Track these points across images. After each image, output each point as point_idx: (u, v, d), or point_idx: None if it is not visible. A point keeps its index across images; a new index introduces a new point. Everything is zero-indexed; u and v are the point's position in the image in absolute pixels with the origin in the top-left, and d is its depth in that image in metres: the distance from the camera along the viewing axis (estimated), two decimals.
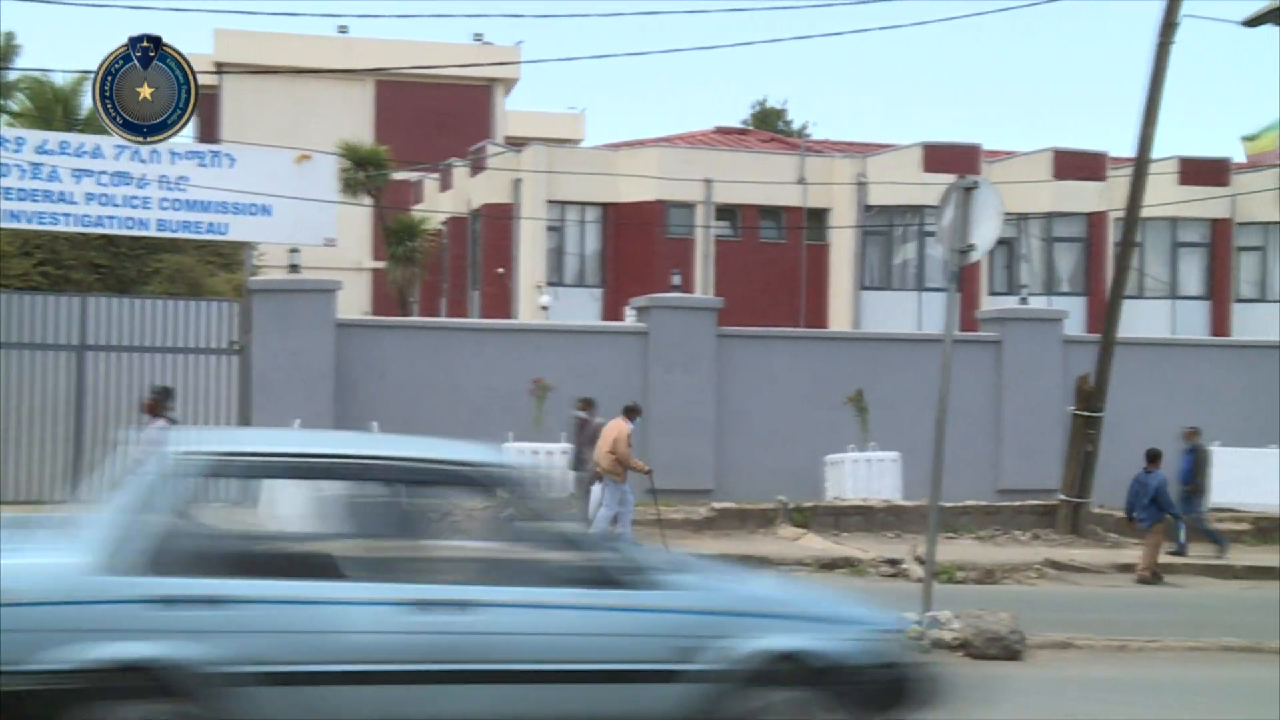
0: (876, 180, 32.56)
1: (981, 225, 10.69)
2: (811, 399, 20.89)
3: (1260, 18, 17.48)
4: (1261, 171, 34.17)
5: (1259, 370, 22.70)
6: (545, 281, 32.64)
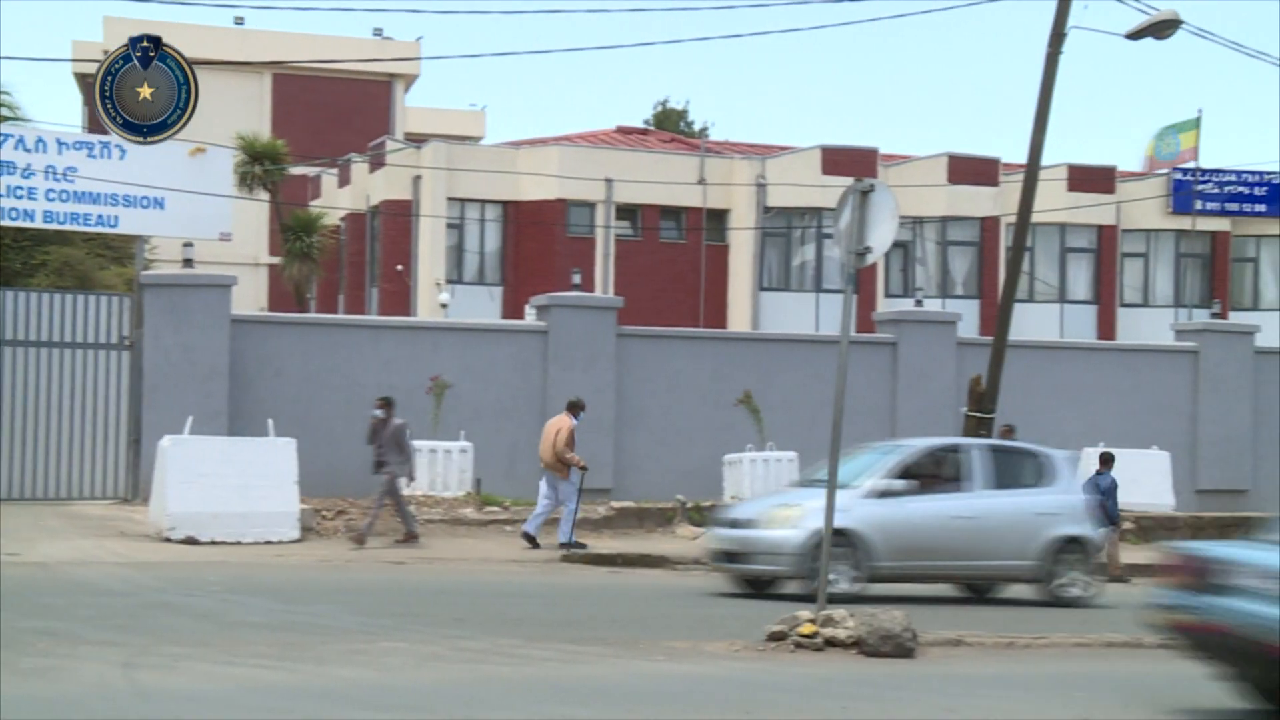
0: (775, 182, 32.88)
1: (878, 228, 10.84)
2: (710, 399, 21.03)
3: (1142, 31, 18.01)
4: (1145, 180, 35.18)
5: (1142, 373, 23.35)
6: (445, 279, 32.41)
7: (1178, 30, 17.94)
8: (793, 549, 13.00)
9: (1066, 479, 14.34)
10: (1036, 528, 13.74)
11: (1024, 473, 14.29)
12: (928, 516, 13.51)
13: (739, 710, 8.11)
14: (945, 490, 13.86)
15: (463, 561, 15.24)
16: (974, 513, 13.64)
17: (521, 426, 20.36)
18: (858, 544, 13.05)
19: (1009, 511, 13.77)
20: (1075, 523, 14.07)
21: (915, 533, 13.38)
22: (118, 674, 8.15)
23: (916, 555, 13.39)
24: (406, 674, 8.63)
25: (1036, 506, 13.83)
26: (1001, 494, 13.90)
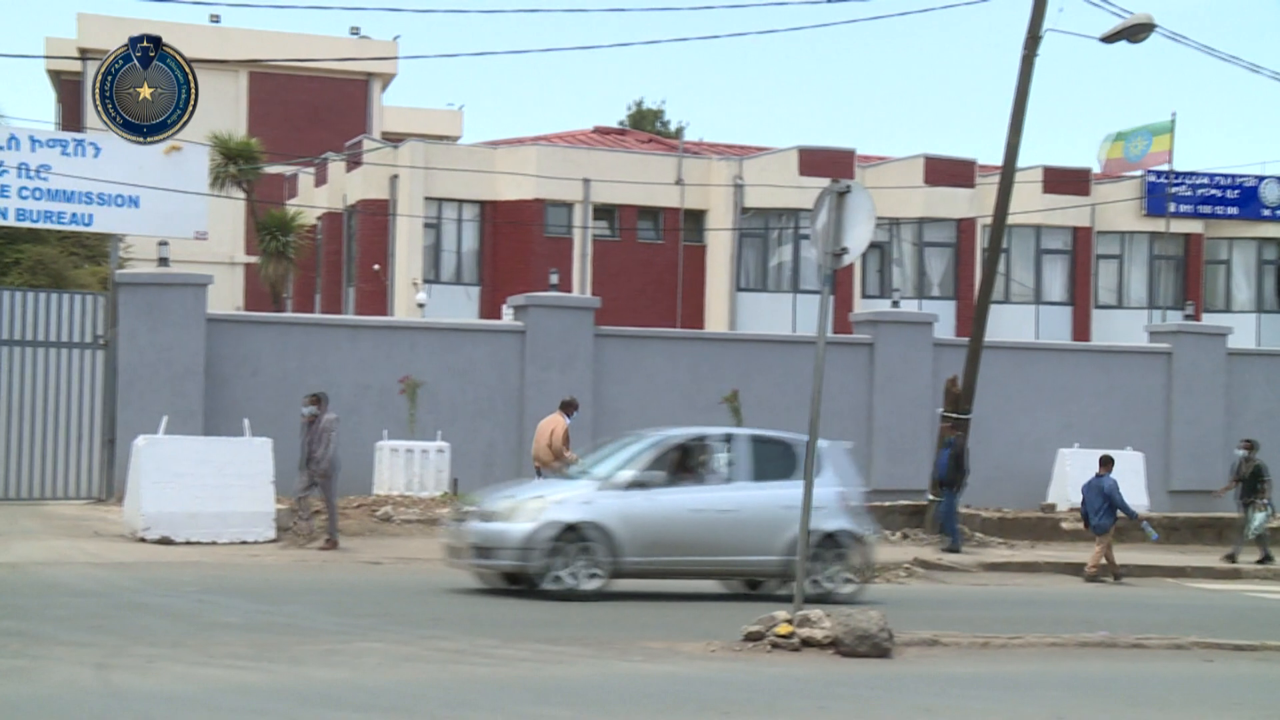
0: (753, 183, 32.94)
1: (855, 229, 10.87)
2: (687, 399, 21.04)
3: (1116, 34, 18.14)
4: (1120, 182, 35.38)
5: (1117, 374, 23.49)
6: (422, 279, 32.34)
7: (1151, 34, 18.08)
8: (517, 543, 12.38)
9: (832, 471, 13.52)
10: (790, 521, 12.60)
11: (786, 464, 13.49)
12: (677, 509, 12.97)
13: (716, 711, 8.12)
14: (700, 482, 13.34)
15: (439, 562, 15.21)
16: (727, 506, 13.11)
17: (499, 427, 20.35)
18: (600, 538, 12.55)
19: (764, 505, 13.13)
20: (836, 517, 13.34)
21: (663, 527, 12.83)
22: (91, 675, 8.10)
23: (664, 550, 12.86)
24: (383, 674, 8.61)
25: (793, 499, 12.61)
26: (758, 486, 13.29)
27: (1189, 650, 11.32)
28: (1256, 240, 36.29)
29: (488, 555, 12.71)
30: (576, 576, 12.49)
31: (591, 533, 12.56)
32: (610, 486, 12.88)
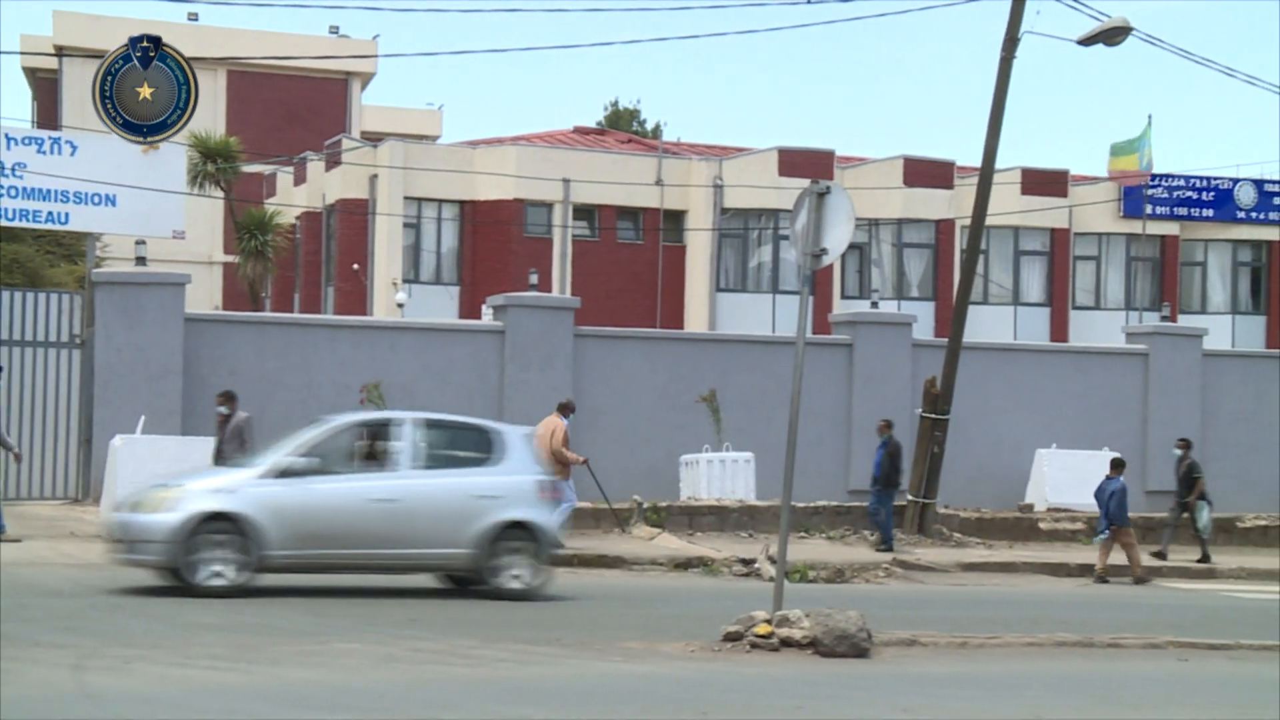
0: (732, 183, 32.98)
1: (834, 230, 10.90)
2: (667, 399, 21.06)
3: (1093, 37, 18.24)
4: (1097, 184, 35.56)
5: (1093, 375, 23.60)
6: (401, 279, 32.28)
7: (1128, 37, 18.17)
8: (164, 535, 11.62)
9: (519, 458, 12.76)
10: (473, 512, 12.24)
11: (467, 451, 12.79)
12: (338, 499, 12.07)
13: (694, 711, 8.13)
14: (366, 470, 12.47)
15: None
16: (395, 495, 12.17)
17: None
18: (246, 530, 11.69)
19: (439, 494, 12.33)
20: (522, 506, 12.52)
21: (319, 518, 11.93)
22: (66, 676, 8.06)
23: (320, 543, 11.94)
24: (362, 675, 8.59)
25: (476, 488, 12.35)
26: (433, 474, 12.45)
27: (1164, 650, 11.39)
28: (1231, 242, 36.52)
29: (133, 549, 11.95)
30: (222, 571, 11.63)
31: (232, 524, 11.68)
32: (266, 474, 12.05)
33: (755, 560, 15.68)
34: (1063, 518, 20.93)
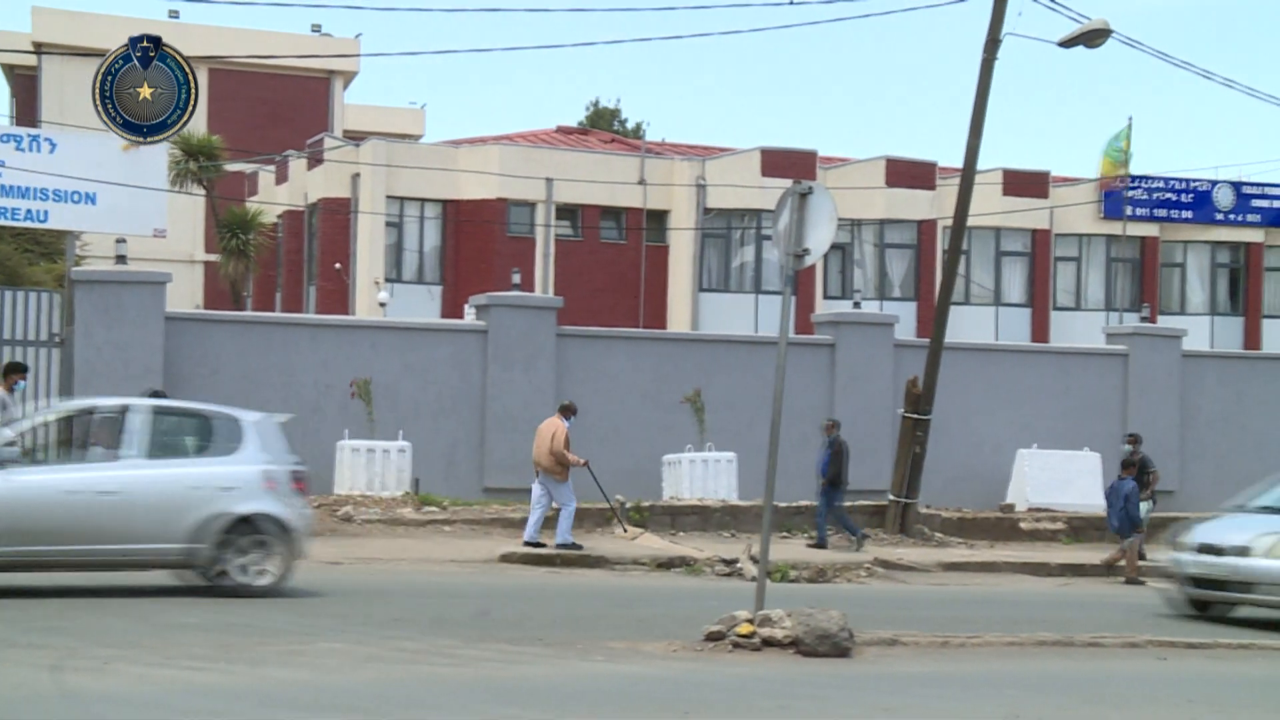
0: (715, 183, 33.00)
1: (816, 230, 10.92)
2: (650, 399, 21.07)
3: (1074, 39, 18.33)
4: (1077, 186, 35.70)
5: (1074, 376, 23.70)
6: (384, 278, 32.22)
7: (1108, 39, 18.26)
8: None
9: (255, 448, 12.02)
10: (196, 503, 11.59)
11: (201, 441, 12.15)
12: (40, 492, 11.36)
13: (677, 711, 8.14)
14: (77, 460, 11.81)
15: (401, 562, 15.16)
16: (112, 487, 11.44)
17: (461, 426, 20.30)
18: None
19: (163, 486, 11.66)
20: (255, 498, 11.81)
21: (24, 512, 11.20)
22: (45, 677, 8.02)
23: (27, 539, 11.22)
24: (344, 675, 8.57)
25: (202, 479, 11.71)
26: (159, 465, 11.74)
27: (1144, 648, 11.45)
28: (1210, 244, 36.72)
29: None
30: None
31: None
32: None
33: (737, 560, 15.71)
34: (1043, 517, 21.02)
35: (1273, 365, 25.75)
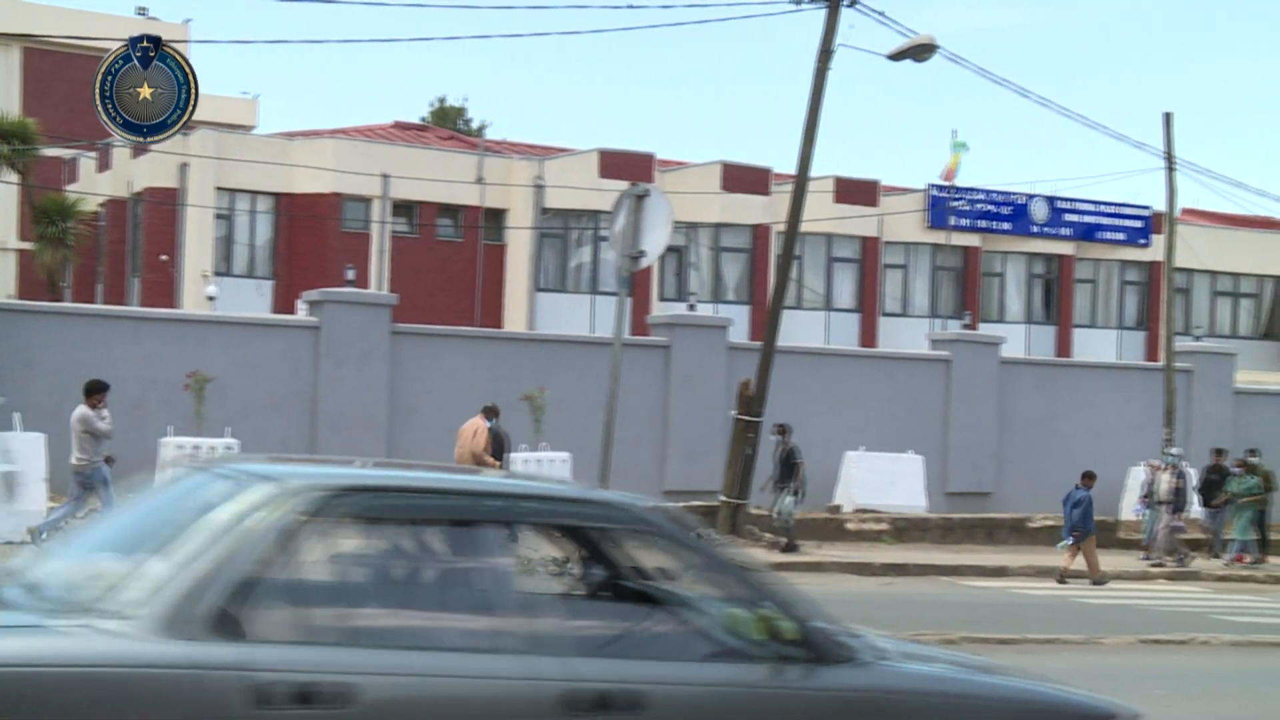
0: (553, 183, 33.02)
1: (652, 232, 11.06)
2: (486, 397, 20.94)
3: (902, 53, 18.91)
4: (906, 195, 36.79)
5: (900, 380, 24.43)
6: (212, 271, 31.34)
7: (934, 54, 18.88)
8: None
9: None
10: None
11: None
12: None
13: None
14: None
15: None
16: None
17: (291, 424, 19.89)
18: None
19: None
20: None
21: None
22: None
23: None
24: None
25: None
26: None
27: (958, 645, 11.86)
28: (1027, 255, 38.20)
29: None
30: None
31: None
32: None
33: (569, 559, 15.75)
34: (869, 519, 21.60)
35: (1082, 372, 26.98)
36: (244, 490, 4.42)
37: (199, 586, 4.09)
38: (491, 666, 4.36)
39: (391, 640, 4.40)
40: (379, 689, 4.18)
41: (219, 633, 4.06)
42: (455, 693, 4.31)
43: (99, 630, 4.02)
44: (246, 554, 4.18)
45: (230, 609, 4.09)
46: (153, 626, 4.02)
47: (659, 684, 4.48)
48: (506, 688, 4.34)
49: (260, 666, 4.06)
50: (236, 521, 4.26)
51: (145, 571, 4.21)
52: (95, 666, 3.95)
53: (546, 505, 4.96)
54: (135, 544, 4.48)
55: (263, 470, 4.62)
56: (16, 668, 3.90)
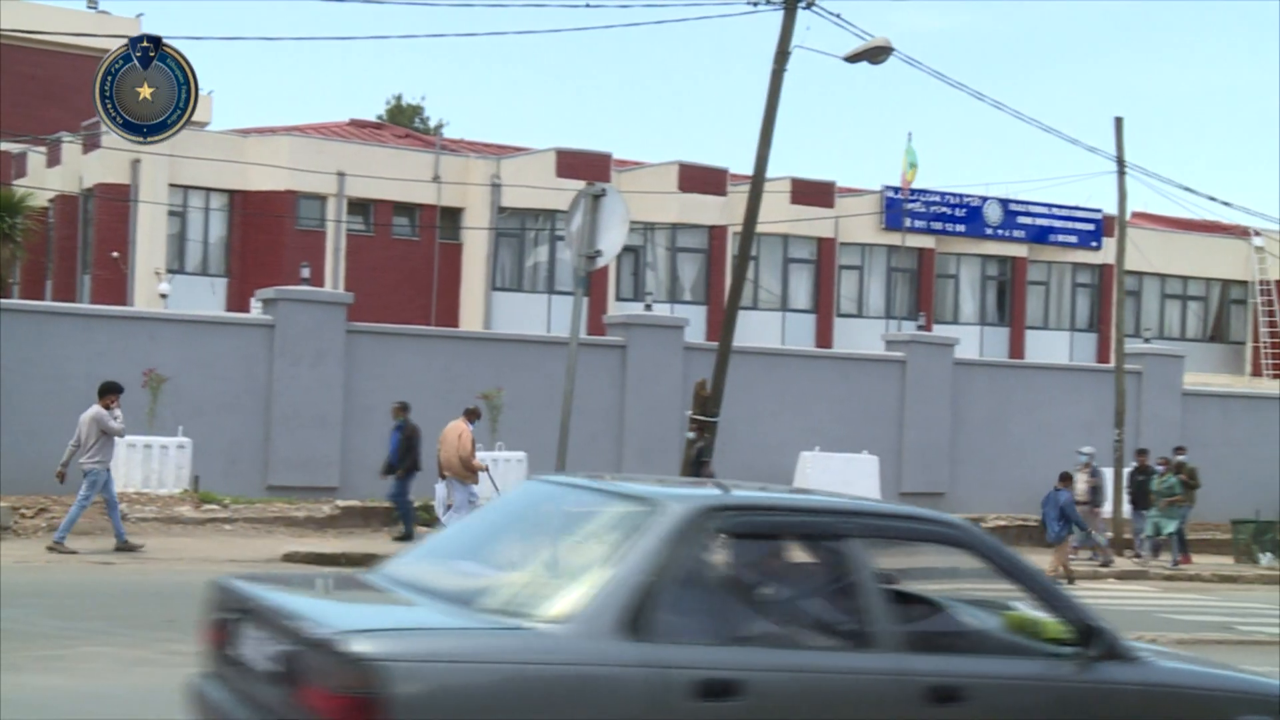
0: (510, 183, 32.95)
1: (609, 232, 11.06)
2: (441, 397, 20.90)
3: (858, 55, 19.01)
4: (861, 196, 36.99)
5: (855, 381, 24.57)
6: (165, 268, 31.04)
7: (890, 56, 19.00)
8: None
9: None
10: None
11: None
12: None
13: None
14: None
15: (178, 561, 14.65)
16: None
17: (244, 423, 19.74)
18: None
19: None
20: None
21: None
22: None
23: None
24: (109, 680, 8.24)
25: None
26: None
27: None
28: (980, 257, 38.52)
29: None
30: None
31: None
32: None
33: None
34: None
35: (1034, 374, 27.24)
36: (633, 509, 5.05)
37: (624, 595, 4.69)
38: (862, 663, 4.98)
39: (775, 641, 5.03)
40: (767, 684, 4.77)
41: (641, 635, 4.66)
42: (832, 687, 4.90)
43: (543, 632, 4.62)
44: (655, 566, 4.78)
45: (647, 614, 4.69)
46: (595, 629, 4.62)
47: (986, 678, 5.13)
48: (877, 683, 4.95)
49: (676, 664, 4.66)
50: (638, 537, 4.86)
51: (562, 580, 4.90)
52: (556, 664, 4.55)
53: (892, 522, 5.61)
54: (523, 553, 5.23)
55: (643, 491, 5.27)
56: (505, 664, 4.53)
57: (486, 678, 4.46)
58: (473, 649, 4.53)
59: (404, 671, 4.32)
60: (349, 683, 4.30)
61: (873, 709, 4.92)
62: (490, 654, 4.53)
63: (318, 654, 4.41)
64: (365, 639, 4.41)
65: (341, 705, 4.29)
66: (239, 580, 5.45)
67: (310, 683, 4.41)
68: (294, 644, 4.55)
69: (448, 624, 4.70)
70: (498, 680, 4.46)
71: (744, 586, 5.24)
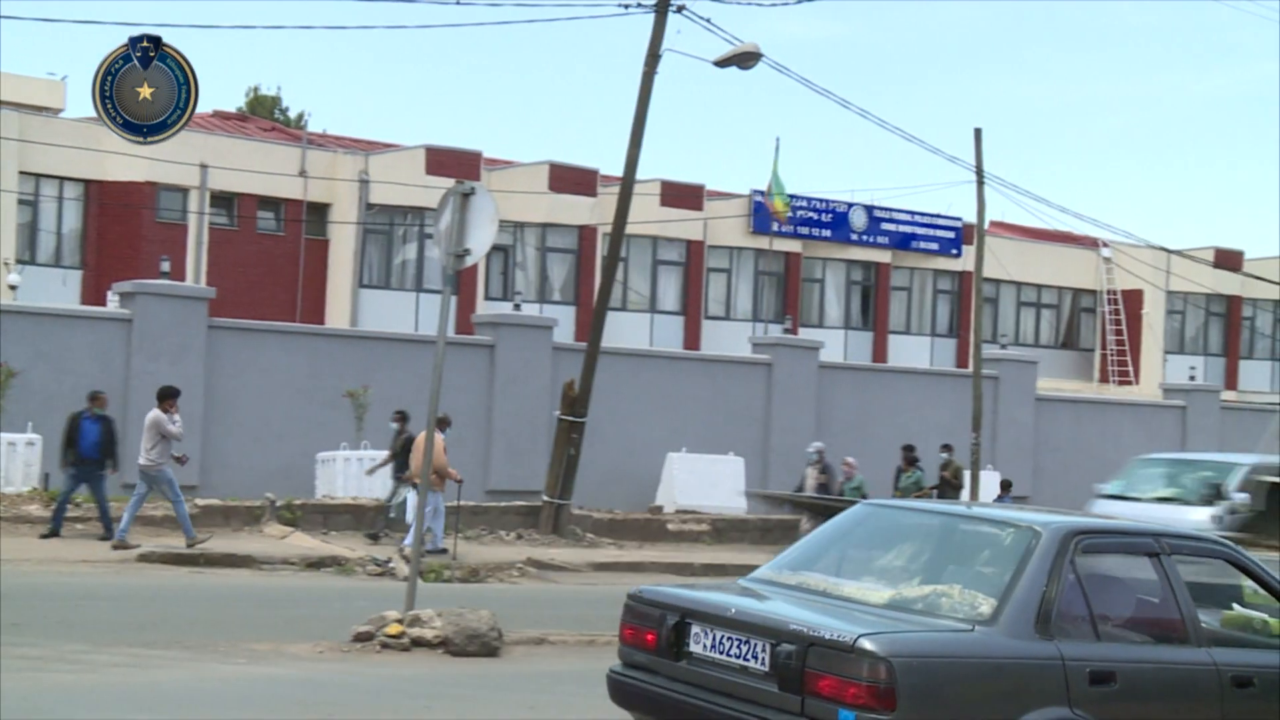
0: (379, 179, 32.57)
1: (478, 231, 11.00)
2: (306, 395, 20.59)
3: (728, 60, 19.26)
4: (730, 200, 37.40)
5: (722, 382, 24.86)
6: (15, 259, 29.95)
7: (759, 62, 19.27)
8: None
9: None
10: None
11: None
12: None
13: (320, 712, 8.02)
14: None
15: (25, 562, 14.16)
16: None
17: None
18: None
19: None
20: None
21: None
22: None
23: None
24: None
25: None
26: None
27: None
28: (846, 262, 39.25)
29: None
30: None
31: None
32: None
33: (390, 560, 15.58)
34: (689, 519, 21.90)
35: (897, 378, 27.88)
36: (1015, 533, 6.47)
37: (1035, 602, 6.13)
38: (1186, 656, 6.47)
39: (1129, 638, 6.51)
40: (1132, 673, 6.25)
41: (1048, 634, 6.10)
42: (1170, 676, 6.39)
43: (982, 632, 6.03)
44: (1050, 578, 6.22)
45: (1048, 616, 6.13)
46: (1019, 630, 6.06)
47: (1268, 668, 6.58)
48: (1199, 672, 6.42)
49: (1075, 657, 6.09)
50: (1029, 555, 6.27)
51: (976, 590, 6.24)
52: (999, 657, 6.00)
53: (1188, 541, 7.00)
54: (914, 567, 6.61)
55: (1020, 518, 6.69)
56: (967, 658, 5.96)
57: (957, 668, 5.88)
58: (943, 646, 5.94)
59: (904, 665, 5.70)
60: (869, 675, 5.66)
61: (1198, 692, 6.37)
62: (954, 649, 5.93)
63: (836, 653, 5.76)
64: (875, 640, 5.75)
65: (865, 691, 5.65)
66: (676, 589, 6.91)
67: (828, 675, 5.75)
68: (799, 645, 5.86)
69: (919, 627, 6.05)
70: (964, 670, 5.89)
71: (1102, 593, 6.52)
